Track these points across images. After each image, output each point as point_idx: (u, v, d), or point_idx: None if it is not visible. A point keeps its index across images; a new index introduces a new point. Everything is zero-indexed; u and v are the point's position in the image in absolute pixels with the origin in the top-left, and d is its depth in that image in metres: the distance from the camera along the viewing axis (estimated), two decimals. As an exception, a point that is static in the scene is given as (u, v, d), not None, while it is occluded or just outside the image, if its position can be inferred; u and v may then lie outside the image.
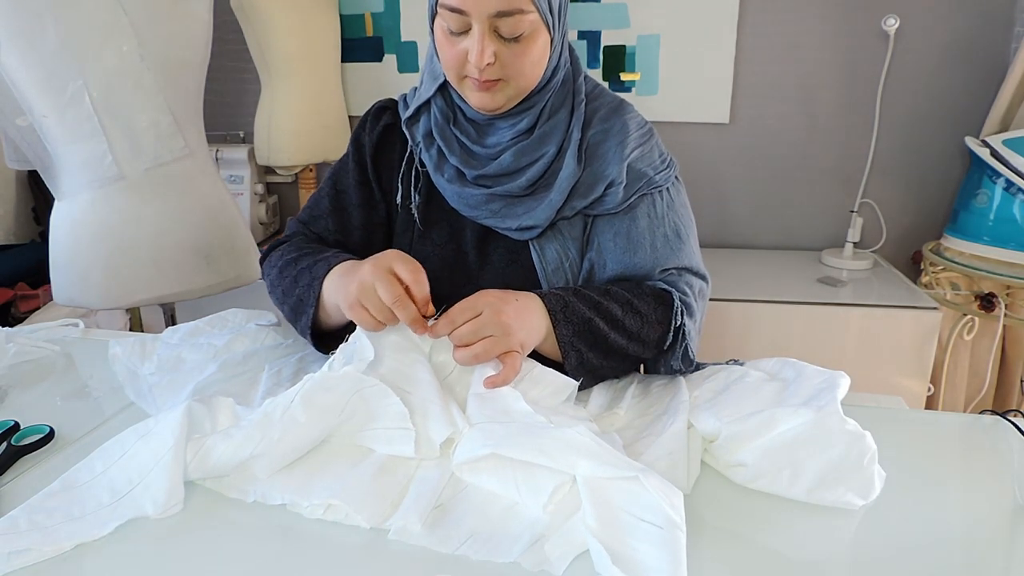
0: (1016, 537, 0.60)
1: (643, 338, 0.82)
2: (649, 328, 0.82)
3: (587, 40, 2.01)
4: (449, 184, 0.89)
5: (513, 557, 0.55)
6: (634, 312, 0.81)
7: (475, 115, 0.88)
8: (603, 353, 0.80)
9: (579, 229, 0.90)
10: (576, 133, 0.87)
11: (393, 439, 0.68)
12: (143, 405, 0.82)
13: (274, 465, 0.66)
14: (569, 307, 0.78)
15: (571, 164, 0.86)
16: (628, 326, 0.80)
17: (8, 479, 0.67)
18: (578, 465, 0.60)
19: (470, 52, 0.78)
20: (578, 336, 0.78)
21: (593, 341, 0.78)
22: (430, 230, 0.93)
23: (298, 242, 0.94)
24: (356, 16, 2.11)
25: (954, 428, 0.80)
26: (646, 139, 0.90)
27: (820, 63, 1.94)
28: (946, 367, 1.72)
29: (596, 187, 0.86)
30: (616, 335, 0.80)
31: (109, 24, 1.23)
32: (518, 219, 0.87)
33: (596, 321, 0.78)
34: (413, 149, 0.92)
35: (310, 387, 0.69)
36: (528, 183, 0.86)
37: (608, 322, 0.79)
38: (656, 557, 0.52)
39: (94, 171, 1.29)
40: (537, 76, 0.84)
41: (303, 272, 0.85)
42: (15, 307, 1.83)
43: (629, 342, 0.81)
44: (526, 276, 0.89)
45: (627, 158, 0.87)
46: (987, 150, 1.67)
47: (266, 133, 2.00)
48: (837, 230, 2.03)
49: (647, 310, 0.82)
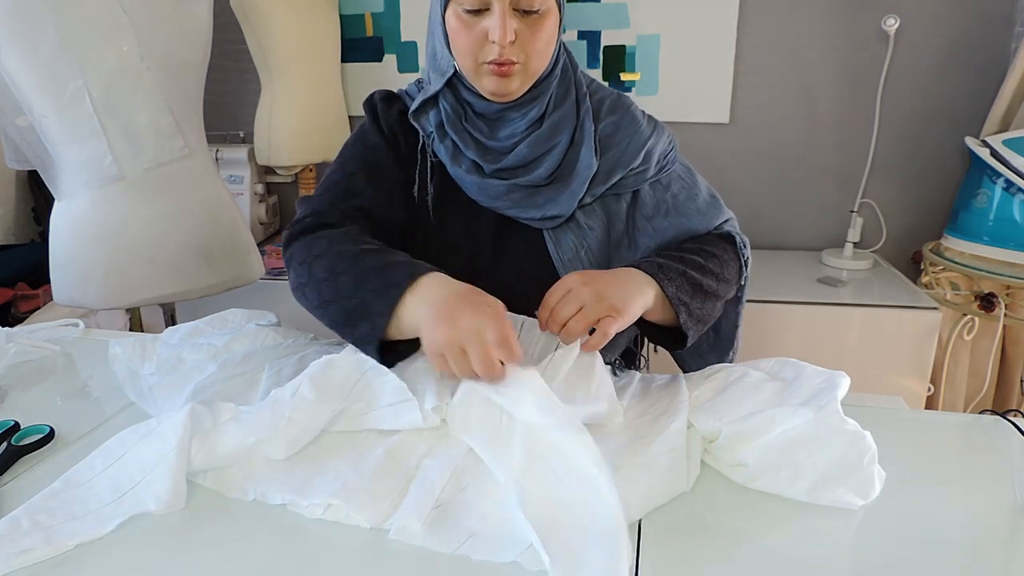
0: (1016, 537, 0.60)
1: (727, 276, 0.88)
2: (727, 265, 0.89)
3: (587, 40, 2.01)
4: (468, 175, 0.89)
5: (513, 557, 0.55)
6: (710, 255, 0.87)
7: (484, 109, 0.89)
8: (703, 300, 0.84)
9: (596, 218, 0.92)
10: (588, 125, 0.90)
11: (399, 413, 0.71)
12: (143, 405, 0.82)
13: (287, 447, 0.67)
14: (663, 267, 0.82)
15: (588, 156, 0.88)
16: (712, 268, 0.86)
17: (8, 479, 0.67)
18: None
19: (491, 31, 0.79)
20: (681, 290, 0.81)
21: (693, 292, 0.83)
22: (444, 221, 0.93)
23: (350, 231, 0.82)
24: (356, 16, 2.11)
25: (954, 428, 0.80)
26: (655, 126, 0.96)
27: (820, 63, 1.94)
28: (946, 367, 1.72)
29: (614, 173, 0.90)
30: (708, 280, 0.85)
31: (109, 24, 1.23)
32: (540, 209, 0.89)
33: (689, 272, 0.83)
34: (425, 140, 0.92)
35: (317, 370, 0.72)
36: (548, 172, 0.88)
37: (697, 269, 0.84)
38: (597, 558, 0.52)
39: (94, 171, 1.29)
40: (548, 58, 0.85)
41: (370, 274, 0.75)
42: (15, 307, 1.83)
43: (718, 283, 0.86)
44: (542, 265, 0.91)
45: (645, 146, 0.92)
46: (987, 150, 1.67)
47: (266, 133, 2.00)
48: (837, 230, 2.03)
49: (719, 251, 0.89)
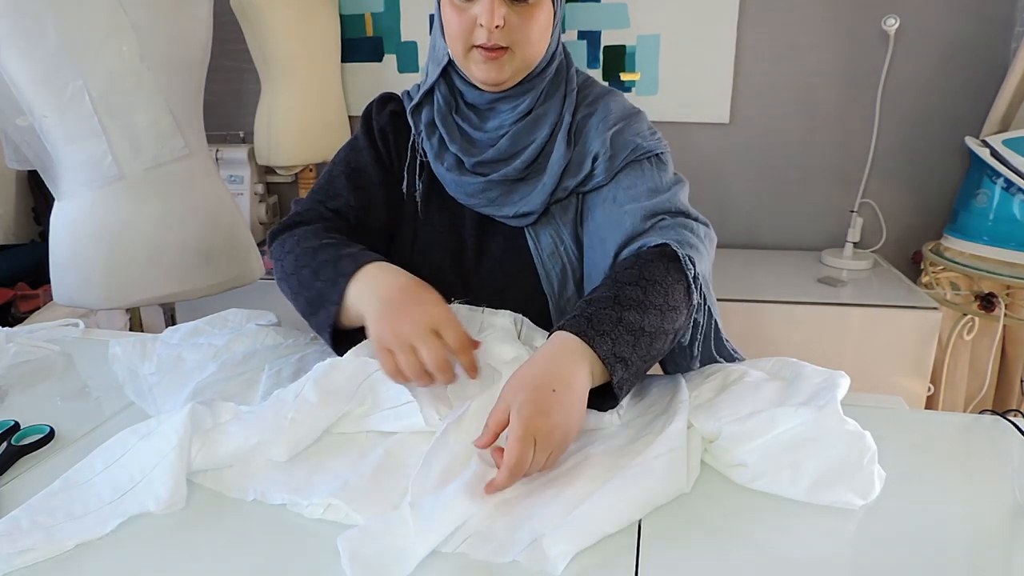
0: (1016, 537, 0.60)
1: (672, 303, 0.73)
2: (672, 290, 0.73)
3: (587, 40, 2.01)
4: (448, 172, 0.90)
5: (512, 556, 0.55)
6: (650, 283, 0.72)
7: (476, 99, 0.89)
8: (648, 345, 0.70)
9: (571, 212, 0.91)
10: (567, 117, 0.89)
11: (400, 415, 0.72)
12: (143, 405, 0.82)
13: (289, 449, 0.67)
14: (594, 320, 0.68)
15: (561, 146, 0.88)
16: (654, 300, 0.71)
17: (8, 479, 0.67)
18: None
19: (480, 16, 0.79)
20: (619, 343, 0.68)
21: (635, 341, 0.69)
22: (431, 219, 0.94)
23: (317, 228, 0.88)
24: (356, 16, 2.11)
25: (954, 428, 0.80)
26: (631, 115, 0.91)
27: (820, 63, 1.94)
28: (946, 367, 1.72)
29: (584, 164, 0.88)
30: (650, 317, 0.70)
31: (109, 24, 1.23)
32: (515, 206, 0.88)
33: (626, 316, 0.69)
34: (415, 138, 0.93)
35: (321, 372, 0.72)
36: (524, 165, 0.87)
37: (636, 308, 0.70)
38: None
39: (94, 171, 1.29)
40: (541, 49, 0.85)
41: (325, 265, 0.81)
42: (15, 307, 1.83)
43: (663, 317, 0.72)
44: (523, 263, 0.91)
45: (609, 130, 0.88)
46: (987, 150, 1.67)
47: (266, 133, 2.00)
48: (837, 230, 2.03)
49: (659, 274, 0.73)
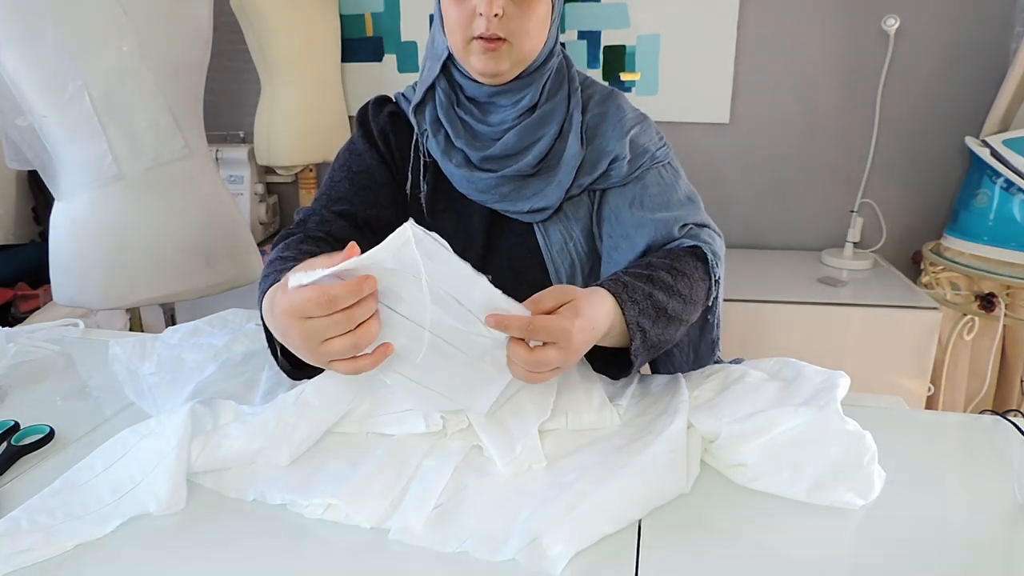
0: (1016, 537, 0.60)
1: (695, 298, 0.81)
2: (697, 286, 0.81)
3: (587, 40, 2.01)
4: (457, 169, 0.90)
5: (512, 556, 0.55)
6: (680, 274, 0.79)
7: (475, 93, 0.89)
8: (664, 326, 0.76)
9: (583, 209, 0.92)
10: (577, 116, 0.90)
11: (403, 419, 0.72)
12: (143, 405, 0.82)
13: (291, 453, 0.67)
14: (628, 287, 0.74)
15: (574, 145, 0.89)
16: (681, 289, 0.78)
17: (8, 479, 0.67)
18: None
19: (479, 6, 0.80)
20: (643, 314, 0.73)
21: (656, 316, 0.75)
22: (437, 218, 0.93)
23: (290, 242, 0.83)
24: (356, 16, 2.11)
25: (954, 428, 0.80)
26: (642, 119, 0.94)
27: (820, 63, 1.94)
28: (946, 367, 1.72)
29: (599, 163, 0.89)
30: (674, 302, 0.77)
31: (109, 24, 1.23)
32: (529, 201, 0.89)
33: (655, 294, 0.75)
34: (419, 137, 0.93)
35: (321, 377, 0.72)
36: (536, 160, 0.88)
37: (664, 289, 0.77)
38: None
39: (94, 171, 1.29)
40: (539, 43, 0.86)
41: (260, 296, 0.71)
42: (15, 307, 1.83)
43: (684, 306, 0.79)
44: (532, 258, 0.91)
45: (628, 134, 0.90)
46: (987, 150, 1.67)
47: (266, 133, 2.00)
48: (837, 230, 2.03)
49: (689, 269, 0.82)
